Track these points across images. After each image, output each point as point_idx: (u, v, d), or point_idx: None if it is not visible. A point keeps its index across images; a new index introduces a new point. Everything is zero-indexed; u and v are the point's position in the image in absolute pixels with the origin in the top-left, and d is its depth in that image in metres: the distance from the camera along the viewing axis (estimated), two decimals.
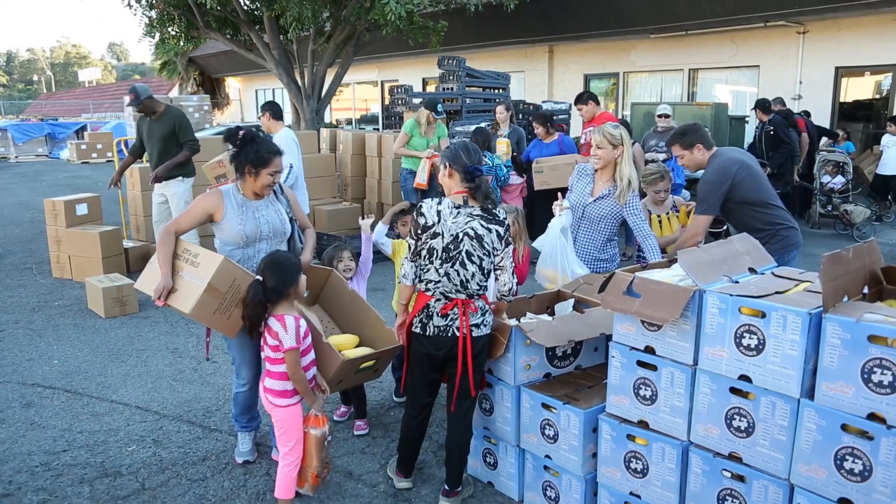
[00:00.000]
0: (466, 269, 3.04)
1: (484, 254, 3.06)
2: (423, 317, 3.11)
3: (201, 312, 3.12)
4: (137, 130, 7.10)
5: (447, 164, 3.15)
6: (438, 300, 3.08)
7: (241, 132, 3.31)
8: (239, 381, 3.58)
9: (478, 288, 3.09)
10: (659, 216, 4.65)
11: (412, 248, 3.15)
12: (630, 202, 3.92)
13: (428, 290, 3.10)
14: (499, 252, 3.11)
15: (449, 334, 3.07)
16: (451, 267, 3.04)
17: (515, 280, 3.22)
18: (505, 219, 3.15)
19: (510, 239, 3.18)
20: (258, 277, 3.15)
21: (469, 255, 3.04)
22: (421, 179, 7.37)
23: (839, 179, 9.51)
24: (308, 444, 3.10)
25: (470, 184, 3.10)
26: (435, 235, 3.05)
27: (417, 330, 3.14)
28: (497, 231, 3.08)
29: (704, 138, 4.05)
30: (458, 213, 3.05)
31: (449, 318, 3.07)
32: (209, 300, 3.11)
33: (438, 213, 3.06)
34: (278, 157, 3.35)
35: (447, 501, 3.26)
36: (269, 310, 3.12)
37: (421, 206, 3.11)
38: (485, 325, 3.12)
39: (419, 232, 3.10)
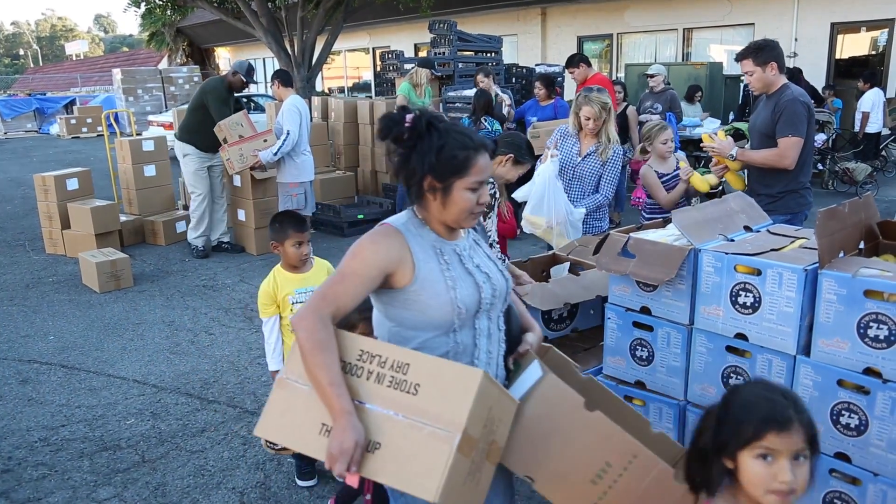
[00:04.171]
0: None
1: None
2: None
3: (451, 491, 1.57)
4: (225, 98, 6.80)
5: None
6: None
7: (407, 117, 1.81)
8: None
9: None
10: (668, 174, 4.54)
11: None
12: (610, 158, 4.06)
13: None
14: None
15: None
16: None
17: None
18: None
19: None
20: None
21: None
22: None
23: (820, 137, 9.47)
24: None
25: None
26: None
27: None
28: None
29: (781, 58, 3.79)
30: None
31: None
32: (462, 463, 1.59)
33: None
34: (483, 152, 1.83)
35: None
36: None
37: None
38: None
39: None
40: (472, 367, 1.69)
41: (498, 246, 3.38)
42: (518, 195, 4.08)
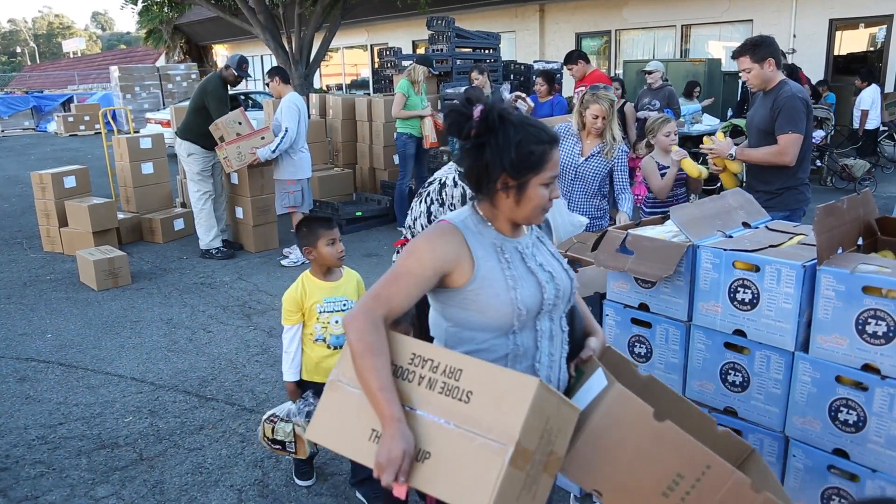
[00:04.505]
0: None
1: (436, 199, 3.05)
2: None
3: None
4: (224, 96, 6.76)
5: None
6: None
7: (476, 109, 1.69)
8: None
9: None
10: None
11: None
12: (618, 157, 4.03)
13: None
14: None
15: None
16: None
17: None
18: None
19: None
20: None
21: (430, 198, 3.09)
22: (434, 138, 7.35)
23: (819, 133, 9.46)
24: None
25: None
26: None
27: None
28: (463, 187, 3.01)
29: (778, 54, 3.78)
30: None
31: None
32: (516, 477, 1.48)
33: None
34: (556, 146, 1.73)
35: None
36: None
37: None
38: None
39: None
40: (528, 376, 1.53)
41: None
42: None
